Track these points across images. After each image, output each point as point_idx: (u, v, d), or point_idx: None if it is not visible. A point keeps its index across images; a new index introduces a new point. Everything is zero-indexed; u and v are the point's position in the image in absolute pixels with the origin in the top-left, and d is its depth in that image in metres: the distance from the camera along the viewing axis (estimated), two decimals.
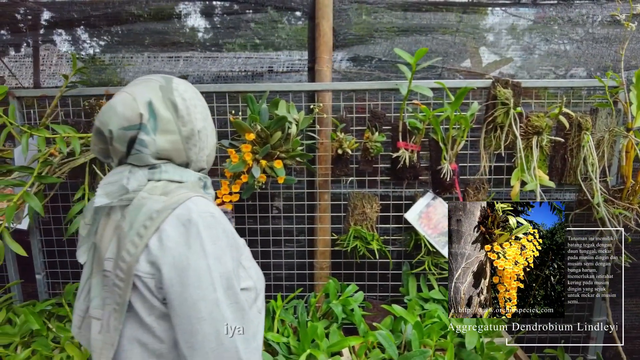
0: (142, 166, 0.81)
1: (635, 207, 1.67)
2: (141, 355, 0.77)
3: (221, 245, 0.75)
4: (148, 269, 0.74)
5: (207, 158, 0.91)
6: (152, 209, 0.75)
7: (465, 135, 1.64)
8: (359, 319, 1.54)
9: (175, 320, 0.73)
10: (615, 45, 1.85)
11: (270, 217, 1.84)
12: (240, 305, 0.75)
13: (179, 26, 1.86)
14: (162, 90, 0.82)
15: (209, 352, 0.71)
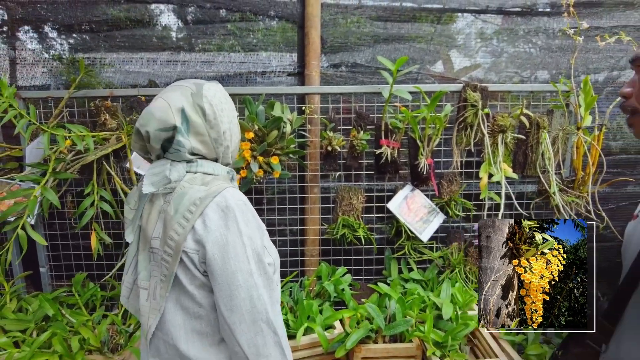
0: (180, 161, 0.96)
1: (585, 195, 1.92)
2: (183, 317, 0.92)
3: (252, 227, 0.91)
4: (194, 246, 0.89)
5: (232, 154, 1.06)
6: (196, 197, 0.90)
7: (439, 133, 1.85)
8: (348, 297, 1.73)
9: (216, 288, 0.88)
10: (569, 54, 2.11)
11: (265, 209, 2.00)
12: (268, 275, 0.92)
13: (177, 33, 2.00)
14: (193, 96, 0.96)
15: (245, 312, 0.86)
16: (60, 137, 1.54)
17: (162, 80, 1.98)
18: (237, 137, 1.06)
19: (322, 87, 1.94)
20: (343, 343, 1.49)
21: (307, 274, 2.00)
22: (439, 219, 1.92)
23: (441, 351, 1.50)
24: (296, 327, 1.57)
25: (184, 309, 0.92)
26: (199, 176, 0.96)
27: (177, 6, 1.98)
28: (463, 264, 1.94)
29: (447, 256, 1.96)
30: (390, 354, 1.55)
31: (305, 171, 1.99)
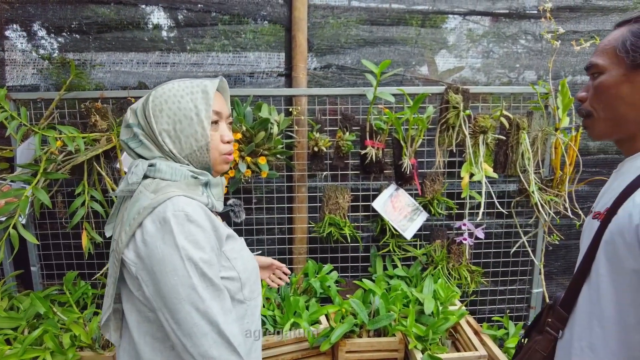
0: (147, 160, 0.97)
1: (563, 194, 1.99)
2: (137, 319, 0.93)
3: (195, 239, 0.87)
4: (133, 257, 0.88)
5: (190, 158, 0.98)
6: (142, 205, 0.88)
7: (422, 134, 1.91)
8: (334, 293, 1.79)
9: (160, 302, 0.86)
10: (548, 57, 2.17)
11: (254, 209, 2.05)
12: (217, 287, 0.89)
13: (167, 34, 2.04)
14: (146, 97, 0.99)
15: (192, 326, 0.84)
16: (51, 139, 1.57)
17: (152, 81, 2.02)
18: (197, 141, 0.97)
19: (309, 89, 1.99)
20: (328, 337, 1.54)
21: (294, 271, 2.05)
22: (422, 217, 1.98)
23: (423, 345, 1.56)
24: (283, 322, 1.62)
25: (138, 311, 0.93)
26: (155, 182, 0.93)
27: (166, 7, 2.01)
28: (446, 261, 1.99)
29: (430, 253, 2.01)
30: (374, 347, 1.60)
31: (292, 171, 2.03)
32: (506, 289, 2.19)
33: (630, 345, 0.83)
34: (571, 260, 2.31)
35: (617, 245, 0.84)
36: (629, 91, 0.88)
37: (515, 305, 2.20)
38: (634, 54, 0.86)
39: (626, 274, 0.83)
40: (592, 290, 0.91)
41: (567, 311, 0.98)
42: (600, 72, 0.92)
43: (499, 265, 2.16)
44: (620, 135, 0.94)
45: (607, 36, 0.95)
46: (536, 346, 1.04)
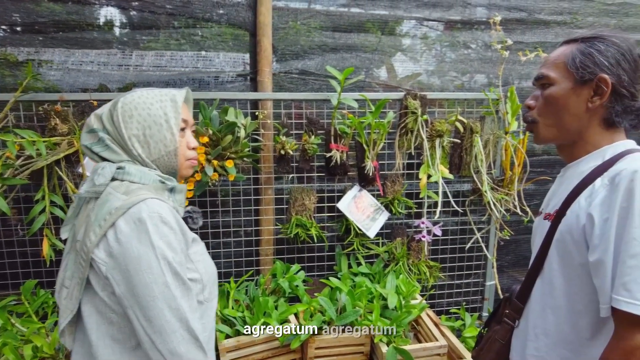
0: (114, 163, 0.99)
1: (513, 193, 2.15)
2: (97, 321, 0.95)
3: (168, 240, 0.91)
4: (104, 256, 0.90)
5: (158, 162, 1.03)
6: (113, 206, 0.91)
7: (383, 138, 2.00)
8: (302, 292, 1.84)
9: (131, 300, 0.89)
10: (497, 62, 2.33)
11: (220, 212, 2.06)
12: (187, 286, 0.94)
13: (128, 36, 2.02)
14: (112, 104, 1.02)
15: (164, 323, 0.88)
16: (10, 143, 1.52)
17: (114, 84, 1.98)
18: (165, 147, 1.02)
19: (275, 94, 2.03)
20: (298, 335, 1.59)
21: (262, 273, 2.08)
22: (384, 217, 2.07)
23: (388, 338, 1.64)
24: (253, 323, 1.66)
25: (98, 312, 0.94)
26: (124, 184, 0.96)
27: (129, 8, 1.99)
28: (406, 257, 2.10)
29: (392, 250, 2.11)
30: (342, 342, 1.67)
31: (259, 174, 2.07)
32: (462, 282, 2.33)
33: (579, 328, 0.95)
34: (520, 253, 2.49)
35: (567, 242, 0.96)
36: (574, 103, 1.00)
37: (470, 298, 2.34)
38: (582, 70, 0.98)
39: (575, 267, 0.95)
40: (545, 283, 1.03)
41: (522, 302, 1.09)
42: (551, 83, 1.03)
43: (455, 261, 2.29)
44: (562, 142, 1.06)
45: (555, 51, 1.06)
46: (495, 335, 1.15)
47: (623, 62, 0.96)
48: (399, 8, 2.25)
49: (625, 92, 0.96)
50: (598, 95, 0.97)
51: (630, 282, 0.82)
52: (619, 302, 0.83)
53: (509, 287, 2.40)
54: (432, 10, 2.30)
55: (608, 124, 0.99)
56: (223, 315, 1.72)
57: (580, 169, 1.01)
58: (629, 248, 0.83)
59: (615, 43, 0.98)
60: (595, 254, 0.88)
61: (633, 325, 0.83)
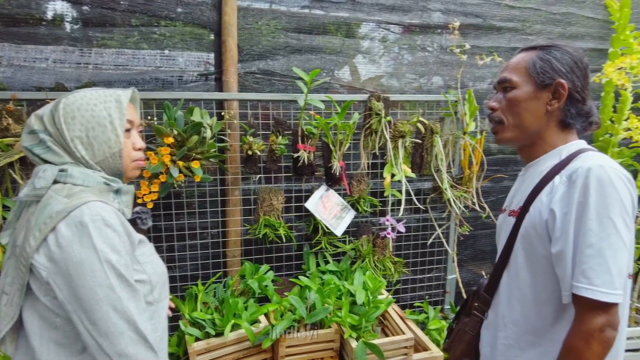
0: (56, 165, 0.97)
1: (471, 190, 2.26)
2: (40, 326, 0.93)
3: (111, 243, 0.90)
4: (44, 261, 0.88)
5: (102, 164, 1.02)
6: (54, 209, 0.89)
7: (349, 138, 2.05)
8: (272, 292, 1.85)
9: (75, 304, 0.87)
10: (453, 65, 2.44)
11: (186, 213, 2.03)
12: (133, 288, 0.93)
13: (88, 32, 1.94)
14: (54, 104, 1.00)
15: (110, 325, 0.88)
16: None
17: (72, 83, 1.90)
18: (110, 148, 1.01)
19: (241, 94, 2.02)
20: (269, 335, 1.60)
21: (230, 274, 2.07)
22: (350, 215, 2.12)
23: (357, 333, 1.69)
24: (223, 324, 1.65)
25: (41, 318, 0.93)
26: (67, 187, 0.95)
27: (89, 4, 1.91)
28: (372, 254, 2.16)
29: (358, 248, 2.16)
30: (312, 340, 1.70)
31: (225, 175, 2.05)
32: (424, 277, 2.42)
33: (543, 316, 1.03)
34: (478, 248, 2.62)
35: (531, 236, 1.03)
36: (535, 106, 1.08)
37: (433, 292, 2.44)
38: (542, 75, 1.06)
39: (539, 259, 1.03)
40: (512, 275, 1.10)
41: (490, 295, 1.17)
42: (513, 86, 1.10)
43: (418, 256, 2.38)
44: (523, 142, 1.14)
45: (515, 57, 1.14)
46: (465, 327, 1.22)
47: (576, 69, 1.06)
48: (361, 11, 2.31)
49: (578, 97, 1.05)
50: (556, 98, 1.06)
51: (588, 270, 0.90)
52: (579, 289, 0.91)
53: (470, 280, 2.52)
54: (391, 13, 2.37)
55: (563, 125, 1.08)
56: (192, 318, 1.69)
57: (539, 167, 1.09)
58: (586, 239, 0.91)
59: (569, 52, 1.07)
60: (557, 246, 0.96)
61: (592, 309, 0.91)
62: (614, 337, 0.92)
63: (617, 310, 0.92)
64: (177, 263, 2.01)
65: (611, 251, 0.90)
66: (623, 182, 0.93)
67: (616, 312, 0.92)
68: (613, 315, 0.91)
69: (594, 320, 0.91)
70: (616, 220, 0.90)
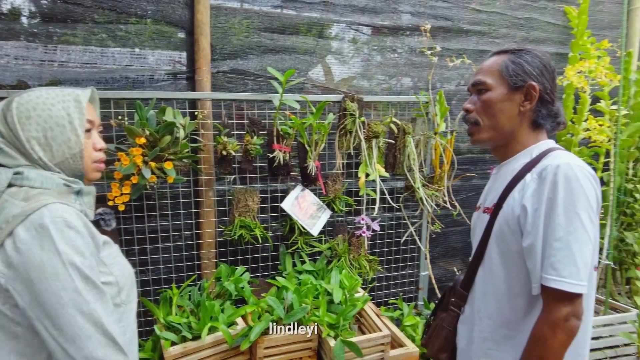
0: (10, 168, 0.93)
1: (442, 189, 2.32)
2: (1, 337, 0.89)
3: (75, 245, 0.87)
4: (2, 267, 0.85)
5: (62, 166, 0.99)
6: (10, 213, 0.87)
7: (324, 139, 2.06)
8: (248, 294, 1.84)
9: (37, 310, 0.84)
10: (427, 66, 2.49)
11: (158, 215, 1.99)
12: (100, 290, 0.90)
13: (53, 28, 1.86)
14: (7, 103, 0.96)
15: (77, 329, 0.85)
16: None
17: (35, 82, 1.82)
18: (71, 147, 0.98)
19: (215, 93, 2.00)
20: (247, 336, 1.59)
21: (205, 277, 2.04)
22: (326, 215, 2.13)
23: (335, 331, 1.70)
24: (199, 328, 1.62)
25: (1, 328, 0.89)
26: (23, 190, 0.92)
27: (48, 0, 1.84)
28: (347, 253, 2.18)
29: (334, 247, 2.18)
30: (290, 340, 1.70)
31: (199, 175, 2.02)
32: (398, 274, 2.46)
33: (516, 308, 1.08)
34: (449, 245, 2.70)
35: (504, 232, 1.08)
36: (509, 107, 1.12)
37: (406, 288, 2.49)
38: (515, 78, 1.10)
39: (512, 254, 1.07)
40: (486, 271, 1.14)
41: (466, 290, 1.20)
42: (488, 89, 1.14)
43: (392, 254, 2.42)
44: (497, 142, 1.18)
45: (487, 60, 1.18)
46: (443, 323, 1.25)
47: (545, 72, 1.11)
48: (333, 12, 2.32)
49: (548, 98, 1.11)
50: (528, 100, 1.11)
51: (556, 262, 0.95)
52: (547, 280, 0.96)
53: (442, 277, 2.59)
54: (362, 15, 2.39)
55: (535, 125, 1.13)
56: (167, 322, 1.66)
57: (512, 166, 1.14)
58: (554, 233, 0.96)
59: (538, 56, 1.13)
60: (527, 240, 1.01)
61: (559, 299, 0.96)
62: (578, 326, 0.97)
63: (582, 300, 0.97)
64: (150, 266, 1.96)
65: (577, 244, 0.95)
66: (588, 179, 0.98)
67: (580, 302, 0.97)
68: (578, 305, 0.96)
69: (560, 310, 0.96)
70: (582, 215, 0.96)
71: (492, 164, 2.68)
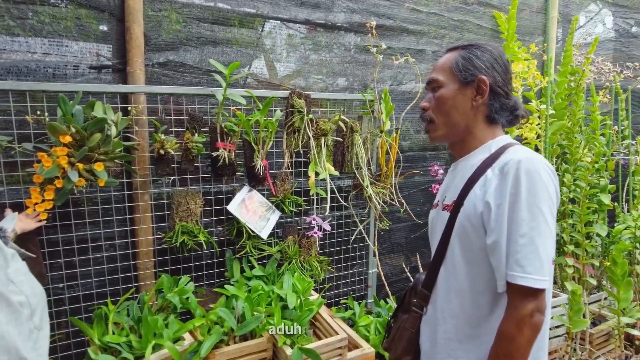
0: None
1: (388, 186, 2.33)
2: None
3: None
4: None
5: None
6: None
7: (272, 136, 1.96)
8: (194, 305, 1.69)
9: None
10: (362, 65, 2.48)
11: (87, 223, 1.77)
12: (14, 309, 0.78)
13: None
14: None
15: None
16: None
17: None
18: None
19: (152, 87, 1.82)
20: (197, 352, 1.46)
21: (144, 289, 1.85)
22: (275, 216, 2.04)
23: (291, 339, 1.62)
24: (142, 347, 1.46)
25: None
26: None
27: None
28: (298, 254, 2.11)
29: (285, 249, 2.09)
30: (243, 352, 1.59)
31: (133, 177, 1.83)
32: (348, 273, 2.44)
33: (480, 306, 1.06)
34: (394, 241, 2.73)
35: (466, 229, 1.06)
36: (461, 102, 1.11)
37: (356, 287, 2.47)
38: (465, 73, 1.09)
39: (475, 251, 1.05)
40: (449, 269, 1.12)
41: (429, 290, 1.17)
42: (441, 86, 1.13)
43: (341, 253, 2.39)
44: (454, 139, 1.17)
45: (442, 58, 1.17)
46: (405, 324, 1.21)
47: (496, 65, 1.12)
48: (271, 5, 2.22)
49: (500, 91, 1.11)
50: (479, 94, 1.10)
51: (522, 259, 0.95)
52: (513, 277, 0.95)
53: (389, 273, 2.60)
54: (298, 11, 2.31)
55: (490, 120, 1.13)
56: (103, 343, 1.47)
57: (470, 162, 1.13)
58: (519, 228, 0.96)
59: (488, 50, 1.13)
60: (492, 237, 1.00)
61: (524, 296, 0.96)
62: (542, 321, 0.98)
63: (545, 295, 0.99)
64: (79, 280, 1.74)
65: (540, 239, 0.96)
66: (548, 173, 1.00)
67: (544, 297, 0.98)
68: (541, 300, 0.97)
69: (525, 306, 0.96)
70: (544, 209, 0.97)
71: (432, 162, 2.75)
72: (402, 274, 2.77)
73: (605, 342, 2.52)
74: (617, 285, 2.29)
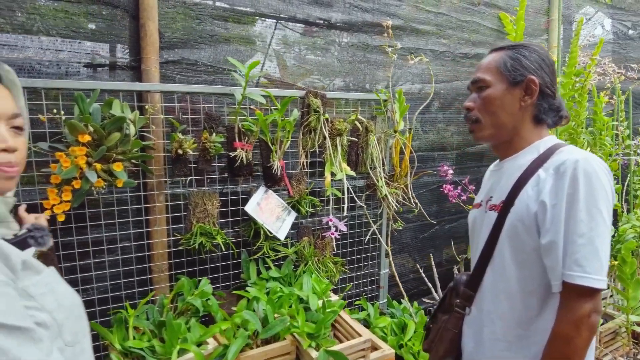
0: None
1: (402, 186, 2.32)
2: None
3: None
4: None
5: None
6: None
7: (290, 136, 1.94)
8: (216, 308, 1.65)
9: None
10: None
11: (103, 225, 1.72)
12: (23, 330, 0.65)
13: None
14: None
15: None
16: None
17: None
18: None
19: (169, 85, 1.78)
20: (224, 356, 1.43)
21: (159, 292, 1.81)
22: (292, 217, 2.01)
23: (315, 342, 1.59)
24: (166, 351, 1.42)
25: None
26: None
27: None
28: (314, 256, 2.08)
29: (300, 251, 2.07)
30: (268, 355, 1.56)
31: (149, 178, 1.79)
32: (360, 274, 2.42)
33: (530, 307, 1.06)
34: (404, 242, 2.72)
35: (518, 229, 1.05)
36: (510, 102, 1.10)
37: (368, 288, 2.46)
38: (514, 73, 1.09)
39: (527, 252, 1.04)
40: (496, 270, 1.11)
41: (473, 290, 1.16)
42: (487, 86, 1.12)
43: (354, 253, 2.37)
44: (500, 139, 1.16)
45: (485, 58, 1.16)
46: (447, 325, 1.20)
47: (544, 66, 1.11)
48: (291, 3, 2.19)
49: (548, 92, 1.11)
50: (528, 94, 1.10)
51: (581, 259, 0.94)
52: (572, 277, 0.95)
53: (398, 274, 2.58)
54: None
55: (537, 120, 1.13)
56: (125, 348, 1.43)
57: (518, 162, 1.13)
58: (577, 229, 0.95)
59: (535, 50, 1.13)
60: (547, 237, 0.99)
61: (581, 296, 0.95)
62: (598, 321, 0.98)
63: (601, 295, 0.98)
64: (95, 284, 1.68)
65: (600, 240, 0.96)
66: (605, 174, 1.00)
67: (600, 297, 0.98)
68: (598, 300, 0.97)
69: (583, 306, 0.95)
70: (602, 210, 0.96)
71: (441, 162, 2.75)
72: (410, 275, 2.77)
73: (613, 340, 2.55)
74: (627, 283, 2.33)
